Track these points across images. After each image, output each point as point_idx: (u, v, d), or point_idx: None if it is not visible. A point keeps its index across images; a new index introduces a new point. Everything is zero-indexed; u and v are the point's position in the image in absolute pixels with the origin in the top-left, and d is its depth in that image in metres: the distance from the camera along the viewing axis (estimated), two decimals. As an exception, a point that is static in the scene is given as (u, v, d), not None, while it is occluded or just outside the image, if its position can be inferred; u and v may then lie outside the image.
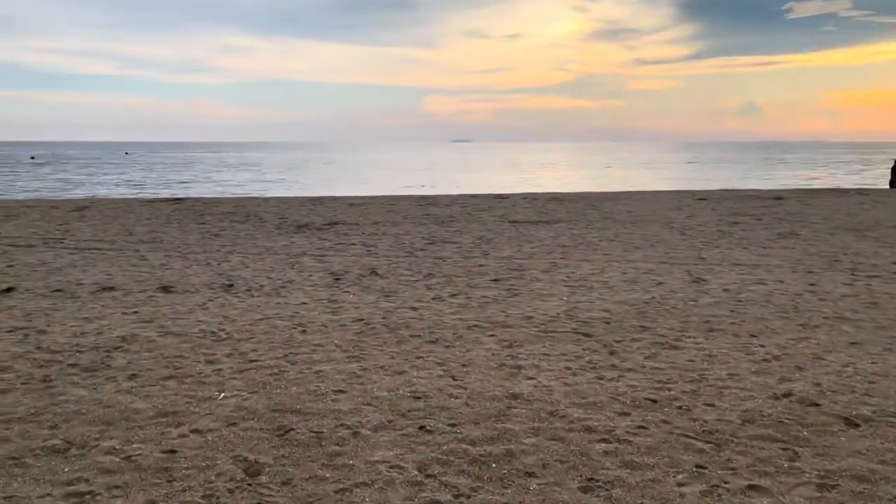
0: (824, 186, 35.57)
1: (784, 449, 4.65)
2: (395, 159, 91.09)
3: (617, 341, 7.15)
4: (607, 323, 7.86)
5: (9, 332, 7.44)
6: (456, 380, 5.97)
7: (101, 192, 34.29)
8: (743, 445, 4.70)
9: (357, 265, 11.57)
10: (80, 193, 32.88)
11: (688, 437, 4.82)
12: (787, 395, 5.62)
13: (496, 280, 10.34)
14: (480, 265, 11.58)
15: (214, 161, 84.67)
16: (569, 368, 6.30)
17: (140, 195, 30.53)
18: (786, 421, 5.09)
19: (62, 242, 13.91)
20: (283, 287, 9.83)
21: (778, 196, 25.18)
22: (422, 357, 6.61)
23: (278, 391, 5.68)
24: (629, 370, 6.25)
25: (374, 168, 65.33)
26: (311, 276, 10.69)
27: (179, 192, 32.61)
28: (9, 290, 9.46)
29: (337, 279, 10.41)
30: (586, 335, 7.37)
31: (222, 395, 5.60)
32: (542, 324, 7.82)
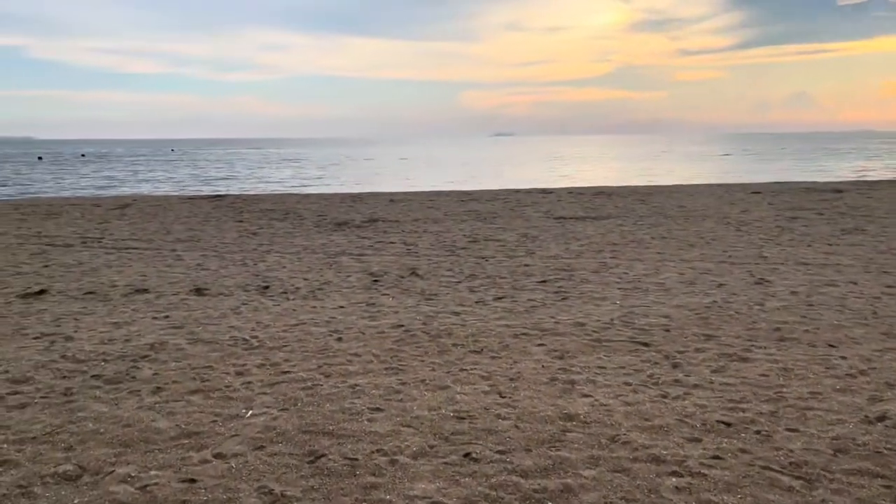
0: (881, 178, 33.91)
1: (887, 487, 4.00)
2: (435, 154, 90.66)
3: (679, 352, 6.52)
4: (667, 330, 7.23)
5: (35, 338, 7.16)
6: (503, 397, 5.44)
7: (145, 189, 34.62)
8: (839, 482, 4.06)
9: (396, 265, 11.10)
10: (125, 190, 33.22)
11: (772, 470, 4.21)
12: (882, 418, 4.94)
13: (543, 281, 9.76)
14: (526, 265, 11.01)
15: (257, 157, 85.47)
16: (628, 384, 5.71)
17: (182, 192, 30.66)
18: (885, 451, 4.43)
19: (100, 241, 13.78)
20: (319, 289, 9.42)
21: (837, 189, 23.94)
22: (465, 369, 6.10)
23: (310, 409, 5.23)
24: (696, 386, 5.63)
25: (414, 163, 65.01)
26: (348, 276, 10.26)
27: (221, 189, 32.69)
28: (41, 292, 9.24)
29: (375, 280, 9.96)
30: (644, 345, 6.76)
31: (250, 412, 5.17)
32: (596, 331, 7.22)
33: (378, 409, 5.20)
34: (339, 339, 7.04)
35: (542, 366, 6.18)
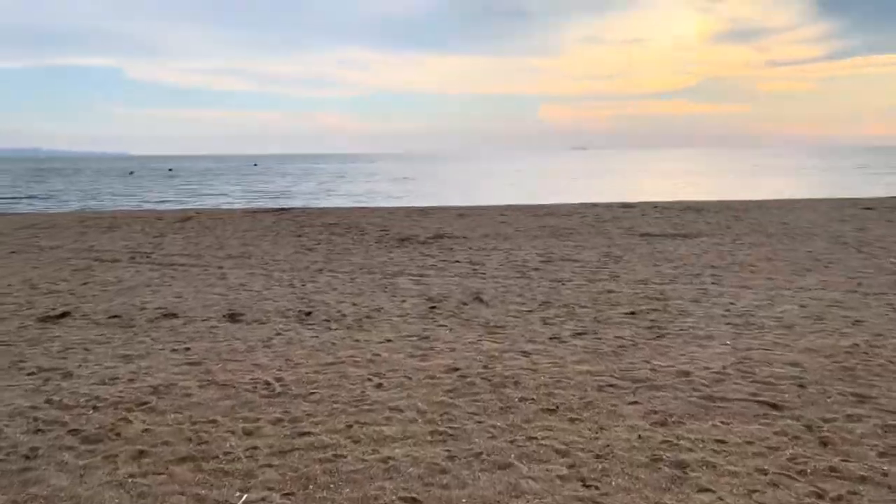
0: None
1: None
2: (511, 168, 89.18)
3: (825, 420, 4.85)
4: (801, 386, 5.54)
5: (30, 374, 6.13)
6: (588, 486, 3.95)
7: (220, 201, 34.58)
8: None
9: (459, 289, 9.71)
10: (201, 203, 33.22)
11: None
12: None
13: (632, 313, 8.16)
14: (609, 291, 9.41)
15: (334, 171, 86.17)
16: (762, 471, 4.11)
17: (249, 205, 30.31)
18: None
19: (149, 257, 12.99)
20: (367, 317, 8.12)
21: (968, 204, 21.08)
22: (535, 437, 4.63)
23: (324, 494, 3.89)
24: (862, 480, 3.99)
25: (488, 177, 63.71)
26: (403, 302, 8.93)
27: (291, 202, 32.23)
28: (63, 315, 8.32)
29: (433, 307, 8.59)
30: (774, 407, 5.12)
31: (244, 498, 3.87)
32: (706, 384, 5.62)
33: (414, 501, 3.80)
34: (379, 386, 5.69)
35: (639, 436, 4.64)
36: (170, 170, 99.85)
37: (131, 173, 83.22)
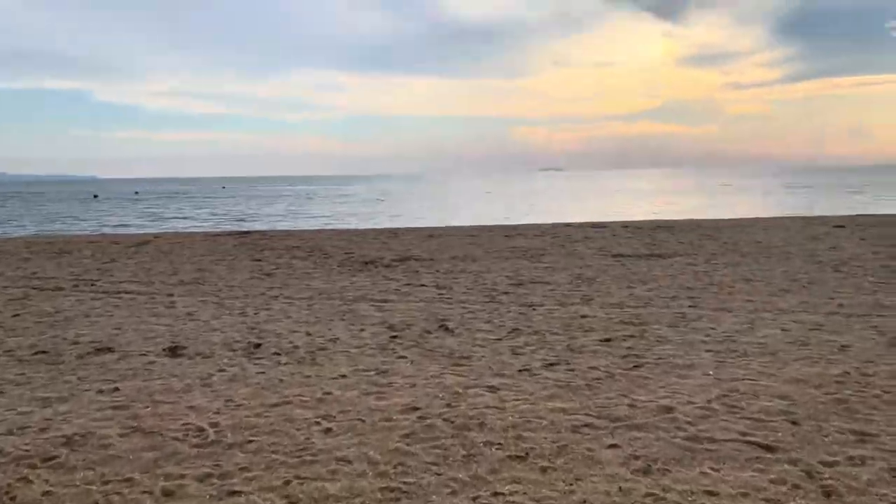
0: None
1: None
2: (482, 189, 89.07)
3: (825, 464, 4.33)
4: (794, 423, 5.03)
5: (-73, 423, 5.37)
6: (561, 556, 3.35)
7: (184, 225, 33.60)
8: None
9: (424, 315, 9.11)
10: (164, 227, 32.20)
11: None
12: None
13: (607, 340, 7.62)
14: (582, 316, 8.88)
15: (304, 193, 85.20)
16: (762, 531, 3.55)
17: (211, 228, 29.40)
18: None
19: (94, 284, 12.17)
20: (321, 349, 7.47)
21: (937, 221, 21.07)
22: (502, 493, 4.03)
23: (246, 576, 3.23)
24: (877, 539, 3.44)
25: (459, 197, 63.41)
26: (362, 330, 8.30)
27: (254, 225, 31.39)
28: (-16, 351, 7.53)
29: (394, 336, 7.97)
30: (768, 449, 4.58)
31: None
32: (691, 422, 5.07)
33: (354, 582, 3.17)
34: (328, 431, 5.05)
35: (620, 487, 4.07)
36: (136, 192, 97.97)
37: (95, 196, 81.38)
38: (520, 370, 6.56)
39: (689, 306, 9.40)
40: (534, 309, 9.43)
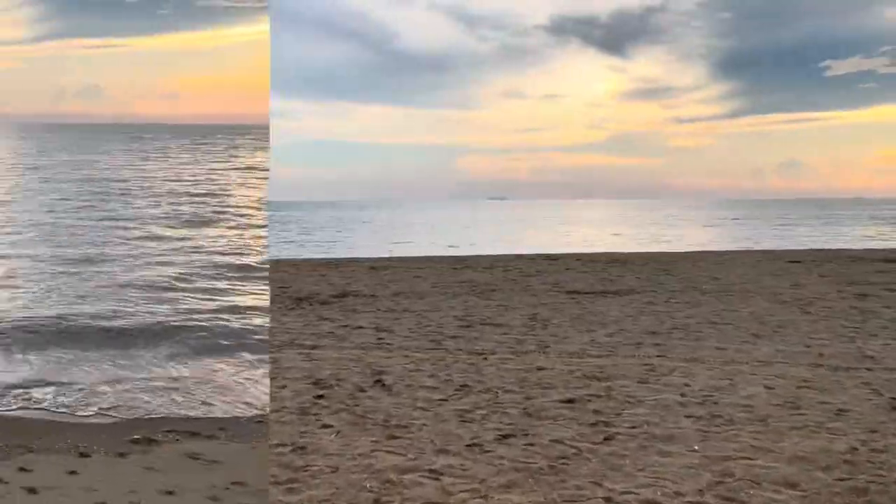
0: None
1: None
2: (431, 217, 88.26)
3: None
4: (813, 528, 3.98)
5: None
6: None
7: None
8: None
9: (358, 367, 7.87)
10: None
11: None
12: None
13: (570, 401, 6.52)
14: (540, 368, 7.78)
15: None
16: None
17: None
18: None
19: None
20: (229, 414, 6.17)
21: (890, 258, 20.87)
22: None
23: None
24: None
25: (407, 226, 62.34)
26: (282, 388, 7.01)
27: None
28: None
29: (320, 396, 6.71)
30: (790, 571, 3.50)
31: None
32: (685, 528, 3.97)
33: None
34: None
35: None
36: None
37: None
38: (468, 444, 5.39)
39: (657, 355, 8.42)
40: (485, 358, 8.29)
